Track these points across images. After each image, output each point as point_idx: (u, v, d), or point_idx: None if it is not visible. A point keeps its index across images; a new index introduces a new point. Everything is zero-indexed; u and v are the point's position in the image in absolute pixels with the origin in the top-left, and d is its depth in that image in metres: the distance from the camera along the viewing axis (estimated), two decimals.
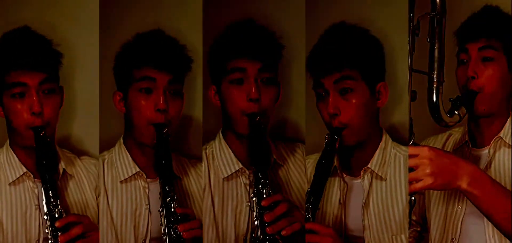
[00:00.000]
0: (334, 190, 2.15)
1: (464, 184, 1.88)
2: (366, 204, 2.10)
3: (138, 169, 2.14)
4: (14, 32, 2.09)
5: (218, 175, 2.15)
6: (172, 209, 2.04)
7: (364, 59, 2.06)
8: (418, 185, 1.88)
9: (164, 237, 2.04)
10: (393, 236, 2.08)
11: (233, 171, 2.15)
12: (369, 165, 2.11)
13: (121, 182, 2.14)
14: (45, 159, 2.02)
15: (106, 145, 2.17)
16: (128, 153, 2.15)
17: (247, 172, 2.15)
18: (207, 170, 2.16)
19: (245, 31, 2.12)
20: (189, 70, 2.14)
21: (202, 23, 2.14)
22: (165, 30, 2.14)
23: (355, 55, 2.05)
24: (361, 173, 2.11)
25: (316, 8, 2.15)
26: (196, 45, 2.15)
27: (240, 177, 2.16)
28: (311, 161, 2.14)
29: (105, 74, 2.14)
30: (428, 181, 1.87)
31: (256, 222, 2.05)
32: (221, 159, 2.16)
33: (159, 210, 2.07)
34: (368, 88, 2.07)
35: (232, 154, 2.16)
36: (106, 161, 2.15)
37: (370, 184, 2.10)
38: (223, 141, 2.17)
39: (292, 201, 2.17)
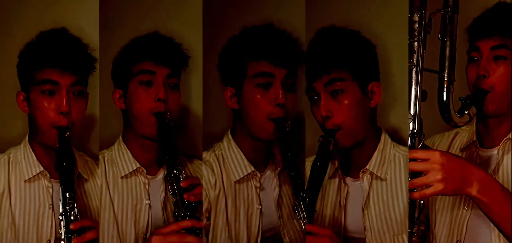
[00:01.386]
0: (334, 192, 2.15)
1: (474, 191, 1.86)
2: (366, 205, 2.10)
3: (138, 165, 2.14)
4: (52, 32, 2.09)
5: (230, 177, 2.15)
6: (181, 179, 2.05)
7: (353, 60, 2.06)
8: (429, 191, 1.85)
9: (175, 200, 2.05)
10: (394, 236, 2.08)
11: (245, 174, 2.16)
12: (367, 167, 2.10)
13: (121, 178, 2.14)
14: (66, 161, 2.01)
15: (106, 145, 2.17)
16: (128, 150, 2.14)
17: (259, 175, 2.16)
18: (220, 172, 2.15)
19: (268, 36, 2.13)
20: (186, 65, 2.16)
21: (202, 23, 2.14)
22: (164, 30, 2.16)
23: (343, 57, 2.05)
24: (360, 174, 2.11)
25: (316, 10, 2.15)
26: (195, 44, 2.15)
27: (251, 180, 2.16)
28: (309, 163, 2.12)
29: (106, 73, 2.14)
30: (439, 187, 1.84)
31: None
32: (232, 162, 2.16)
33: (167, 179, 2.08)
34: (360, 88, 2.06)
35: (243, 157, 2.15)
36: (106, 159, 2.15)
37: (370, 185, 2.10)
38: (233, 143, 2.17)
39: None
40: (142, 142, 2.13)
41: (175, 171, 2.05)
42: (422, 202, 1.92)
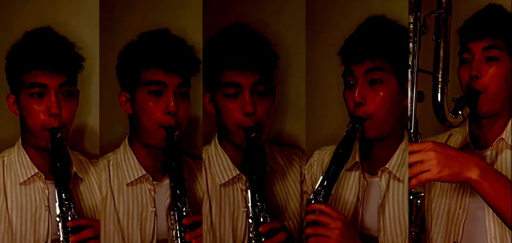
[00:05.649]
0: (353, 185, 2.13)
1: (474, 175, 1.86)
2: (382, 205, 2.08)
3: (144, 172, 2.13)
4: (37, 32, 2.08)
5: (215, 181, 2.15)
6: (184, 213, 2.04)
7: (397, 53, 2.00)
8: (424, 175, 1.86)
9: (175, 242, 2.04)
10: (406, 240, 2.05)
11: (230, 177, 2.15)
12: (387, 166, 2.08)
13: (127, 184, 2.12)
14: (60, 162, 2.02)
15: (107, 146, 2.15)
16: (134, 155, 2.13)
17: (244, 178, 2.14)
18: (204, 176, 2.15)
19: (240, 40, 2.10)
20: (197, 72, 2.13)
21: (202, 22, 2.13)
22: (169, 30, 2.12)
23: (389, 47, 2.01)
24: (379, 172, 2.09)
25: (315, 10, 2.16)
26: (197, 44, 2.13)
27: (237, 183, 2.15)
28: (328, 152, 2.13)
29: (106, 74, 2.13)
30: (435, 170, 1.85)
31: None
32: (217, 165, 2.15)
33: (171, 213, 2.07)
34: (398, 84, 2.02)
35: (229, 160, 2.15)
36: (111, 163, 2.14)
37: (388, 185, 2.08)
38: (219, 147, 2.16)
39: (290, 210, 2.20)
40: (149, 149, 2.12)
41: (179, 204, 2.04)
42: (419, 201, 1.94)
